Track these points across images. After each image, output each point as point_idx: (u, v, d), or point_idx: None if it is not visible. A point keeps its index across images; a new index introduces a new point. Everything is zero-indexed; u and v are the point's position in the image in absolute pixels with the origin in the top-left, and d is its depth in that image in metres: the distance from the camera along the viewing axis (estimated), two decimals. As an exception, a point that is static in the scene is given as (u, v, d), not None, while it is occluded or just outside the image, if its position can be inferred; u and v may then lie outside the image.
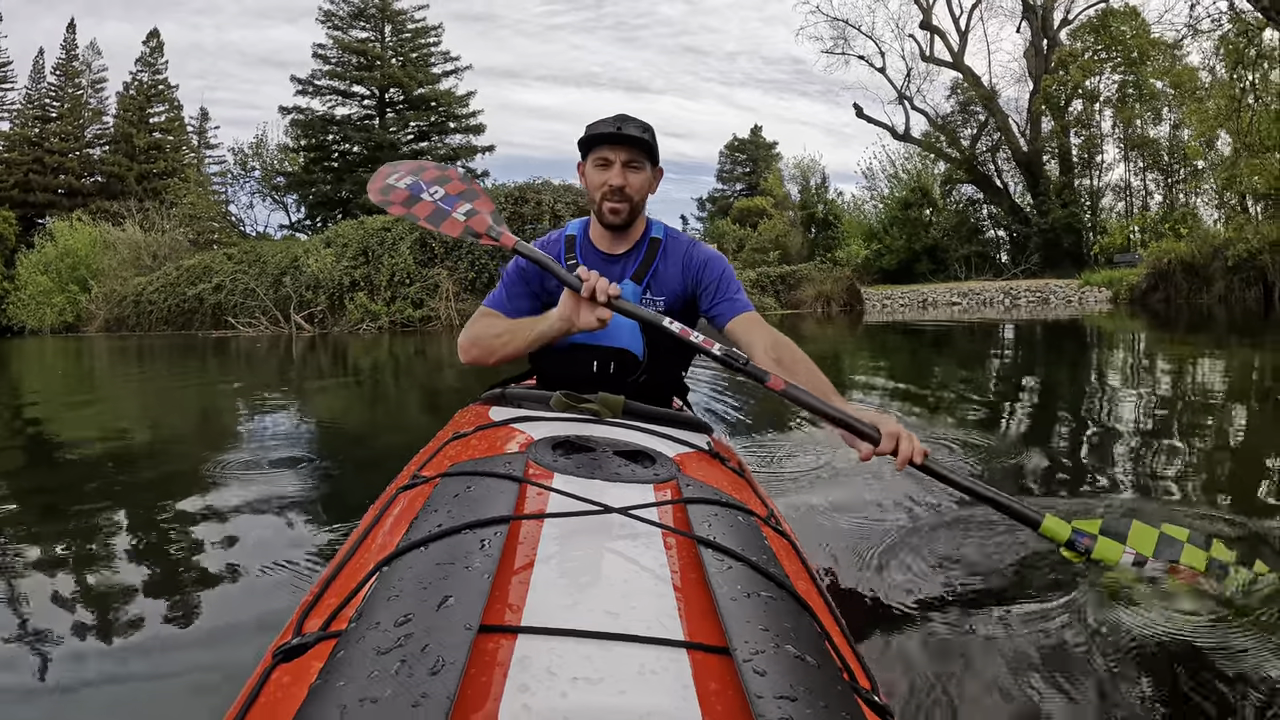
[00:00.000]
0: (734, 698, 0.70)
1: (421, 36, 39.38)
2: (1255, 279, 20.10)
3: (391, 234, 22.26)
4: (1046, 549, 2.55)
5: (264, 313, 22.54)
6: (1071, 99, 36.29)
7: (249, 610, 2.15)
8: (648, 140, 2.12)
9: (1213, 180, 30.39)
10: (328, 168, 38.21)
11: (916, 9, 37.63)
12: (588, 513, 1.03)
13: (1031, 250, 35.45)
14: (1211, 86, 26.55)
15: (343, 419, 5.79)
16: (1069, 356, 10.56)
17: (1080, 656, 1.93)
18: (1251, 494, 3.55)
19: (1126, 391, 6.85)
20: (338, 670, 0.68)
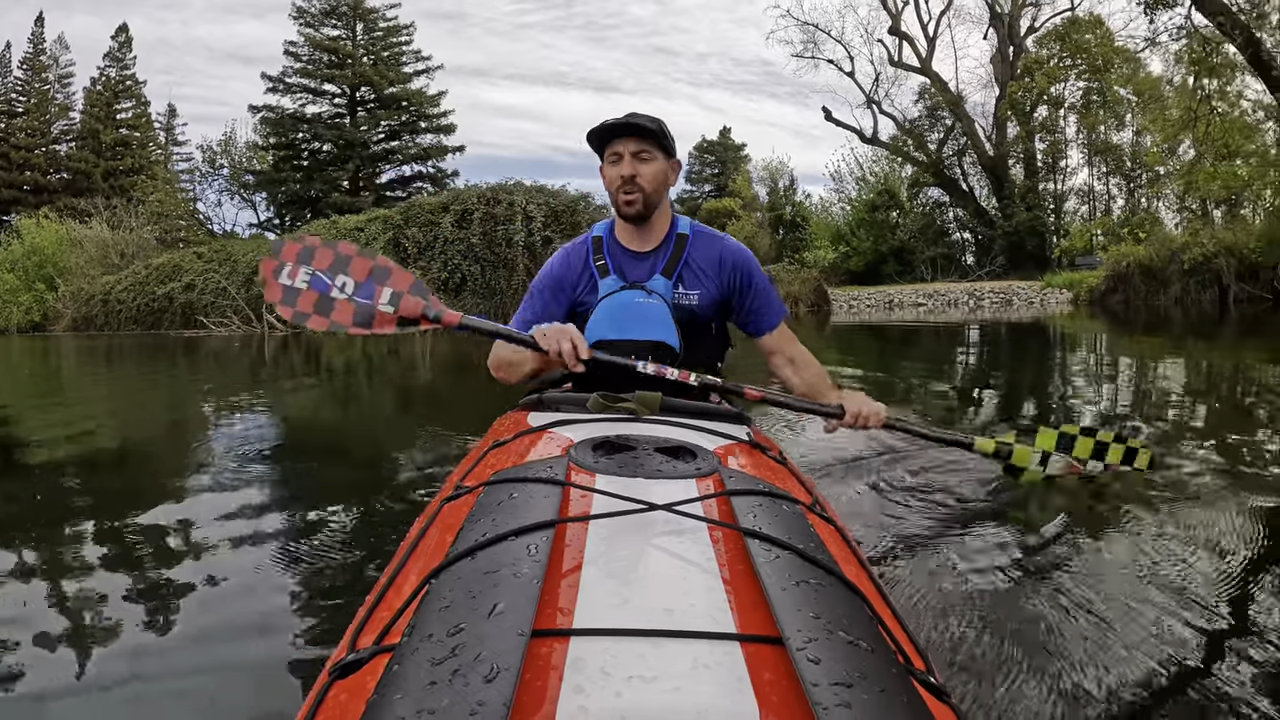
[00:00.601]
0: (789, 687, 0.70)
1: (393, 35, 39.24)
2: (1210, 281, 20.70)
3: (365, 234, 22.18)
4: (1094, 534, 2.77)
5: (236, 312, 22.37)
6: (1037, 105, 37.15)
7: (299, 625, 2.14)
8: (654, 129, 2.14)
9: (1174, 185, 31.10)
10: (297, 166, 37.98)
11: (885, 15, 38.40)
12: (632, 511, 1.03)
13: (996, 253, 36.21)
14: (1174, 93, 27.17)
15: (327, 421, 5.81)
16: (1031, 352, 11.10)
17: (1130, 629, 2.00)
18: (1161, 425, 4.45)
19: (1079, 378, 7.80)
20: (393, 684, 0.69)
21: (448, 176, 39.07)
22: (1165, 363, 8.93)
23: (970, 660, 1.88)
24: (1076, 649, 1.91)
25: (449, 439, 4.72)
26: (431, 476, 3.70)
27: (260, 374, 10.70)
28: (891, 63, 38.71)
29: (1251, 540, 2.72)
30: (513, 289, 21.23)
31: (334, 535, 2.95)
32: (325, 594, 2.34)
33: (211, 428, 5.83)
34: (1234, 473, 3.59)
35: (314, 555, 2.71)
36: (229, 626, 2.10)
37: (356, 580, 2.42)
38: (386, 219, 22.62)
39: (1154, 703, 1.70)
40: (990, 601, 2.21)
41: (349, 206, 32.80)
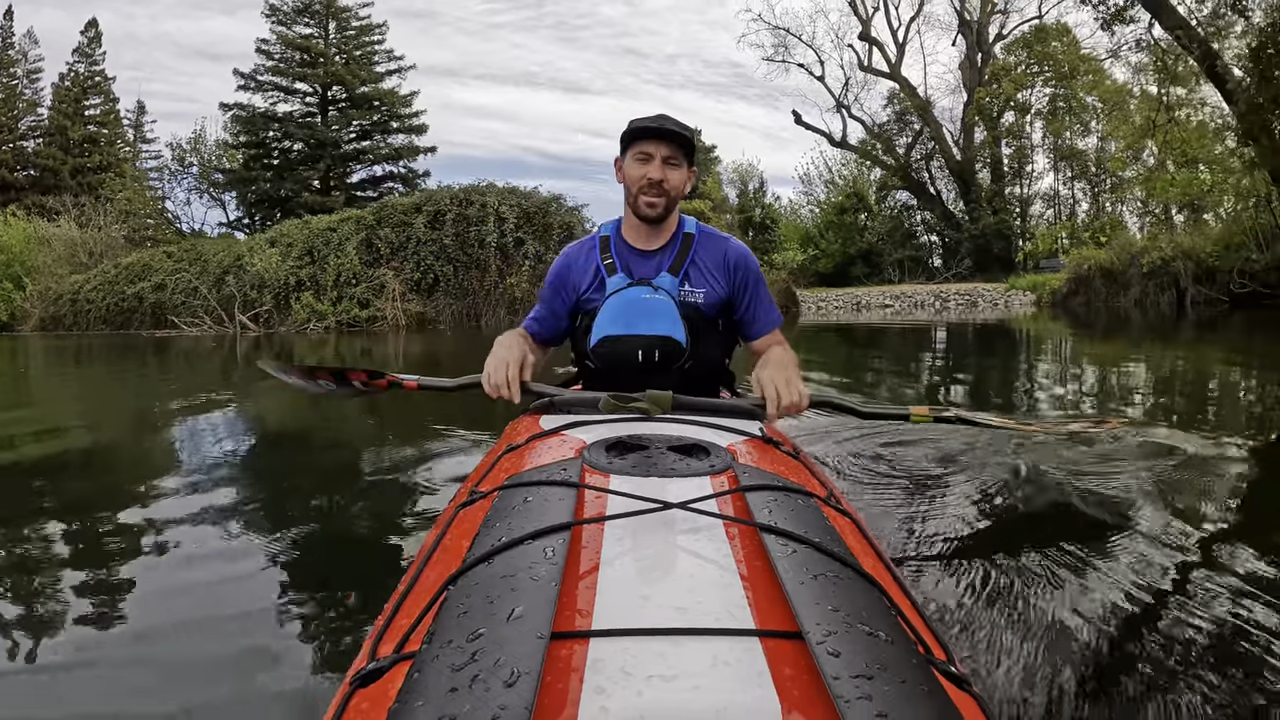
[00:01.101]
0: (810, 681, 0.70)
1: (365, 34, 38.90)
2: (1169, 284, 21.11)
3: (337, 234, 22.13)
4: (1110, 514, 2.86)
5: (207, 312, 22.24)
6: (1004, 111, 37.91)
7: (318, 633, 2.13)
8: (688, 137, 2.15)
9: (1137, 190, 31.70)
10: (268, 165, 37.58)
11: (856, 20, 38.98)
12: (647, 511, 1.04)
13: (963, 255, 36.75)
14: (1138, 101, 27.69)
15: (324, 424, 5.69)
16: (995, 352, 11.51)
17: (1154, 619, 2.02)
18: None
19: (1043, 377, 8.11)
20: (414, 692, 0.69)
21: (419, 177, 38.82)
22: (1124, 362, 9.28)
23: (992, 649, 1.88)
24: (1100, 638, 1.92)
25: (433, 436, 4.73)
26: (441, 481, 3.68)
27: (234, 374, 10.66)
28: (861, 68, 39.34)
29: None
30: (485, 289, 21.32)
31: (349, 544, 2.93)
32: (343, 603, 2.31)
33: (197, 430, 5.75)
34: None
35: (330, 564, 2.70)
36: (247, 640, 2.05)
37: (374, 588, 2.38)
38: (359, 219, 22.55)
39: (1176, 691, 1.69)
40: (1011, 590, 2.22)
41: (320, 206, 32.49)
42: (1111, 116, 32.44)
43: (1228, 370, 8.10)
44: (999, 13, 38.58)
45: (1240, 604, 2.09)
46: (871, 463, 3.73)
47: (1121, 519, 2.83)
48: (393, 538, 2.96)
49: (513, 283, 21.15)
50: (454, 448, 4.49)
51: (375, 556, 2.76)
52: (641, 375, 2.03)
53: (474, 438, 4.69)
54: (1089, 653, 1.85)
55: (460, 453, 4.34)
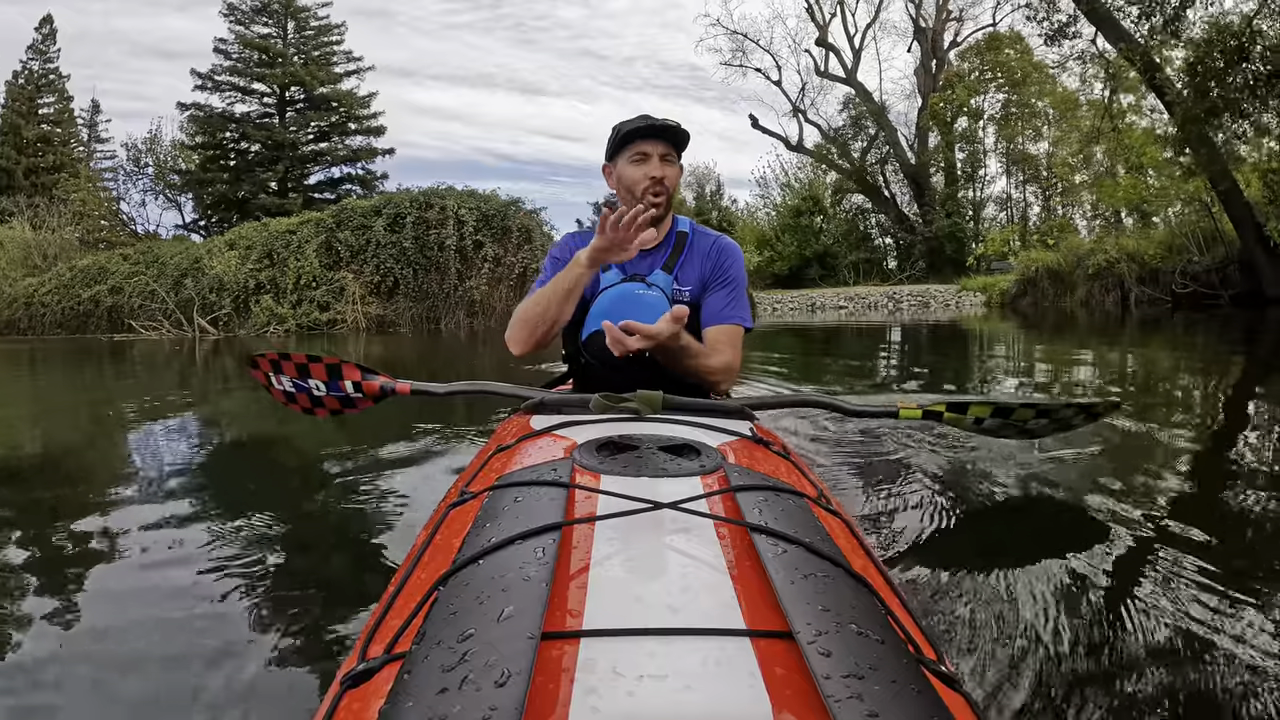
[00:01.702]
0: (801, 681, 0.70)
1: (324, 34, 38.61)
2: (1113, 285, 21.59)
3: (297, 237, 22.05)
4: (1101, 513, 2.86)
5: (166, 316, 22.00)
6: (958, 116, 38.40)
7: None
8: (680, 132, 2.16)
9: (1088, 194, 32.49)
10: (225, 166, 37.12)
11: (813, 26, 39.38)
12: (638, 511, 1.04)
13: (917, 257, 37.45)
14: (1088, 107, 28.38)
15: (300, 428, 5.46)
16: (949, 349, 11.84)
17: (1140, 616, 2.02)
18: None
19: (986, 368, 8.44)
20: (405, 692, 0.68)
21: (377, 179, 38.65)
22: (1071, 357, 9.63)
23: (982, 649, 1.88)
24: (1090, 637, 1.93)
25: (422, 436, 4.66)
26: (431, 481, 3.66)
27: (200, 378, 10.57)
28: (818, 73, 39.83)
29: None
30: (444, 292, 21.40)
31: (338, 544, 2.90)
32: (333, 603, 2.28)
33: (173, 433, 5.64)
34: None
35: (320, 565, 2.66)
36: (236, 641, 2.02)
37: (365, 589, 2.36)
38: (319, 222, 22.46)
39: (1167, 689, 1.70)
40: (1002, 590, 2.22)
41: (278, 208, 32.20)
42: (1062, 123, 33.20)
43: (1177, 365, 8.47)
44: (954, 20, 39.35)
45: (1232, 603, 2.10)
46: (862, 462, 3.76)
47: (1112, 518, 2.84)
48: (383, 538, 2.91)
49: (472, 285, 21.24)
50: (444, 447, 4.45)
51: (365, 557, 2.72)
52: (632, 371, 2.04)
53: (464, 437, 4.67)
54: (1079, 652, 1.87)
55: (450, 452, 4.29)
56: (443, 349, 14.70)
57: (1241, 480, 3.42)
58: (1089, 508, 3.01)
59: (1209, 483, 3.50)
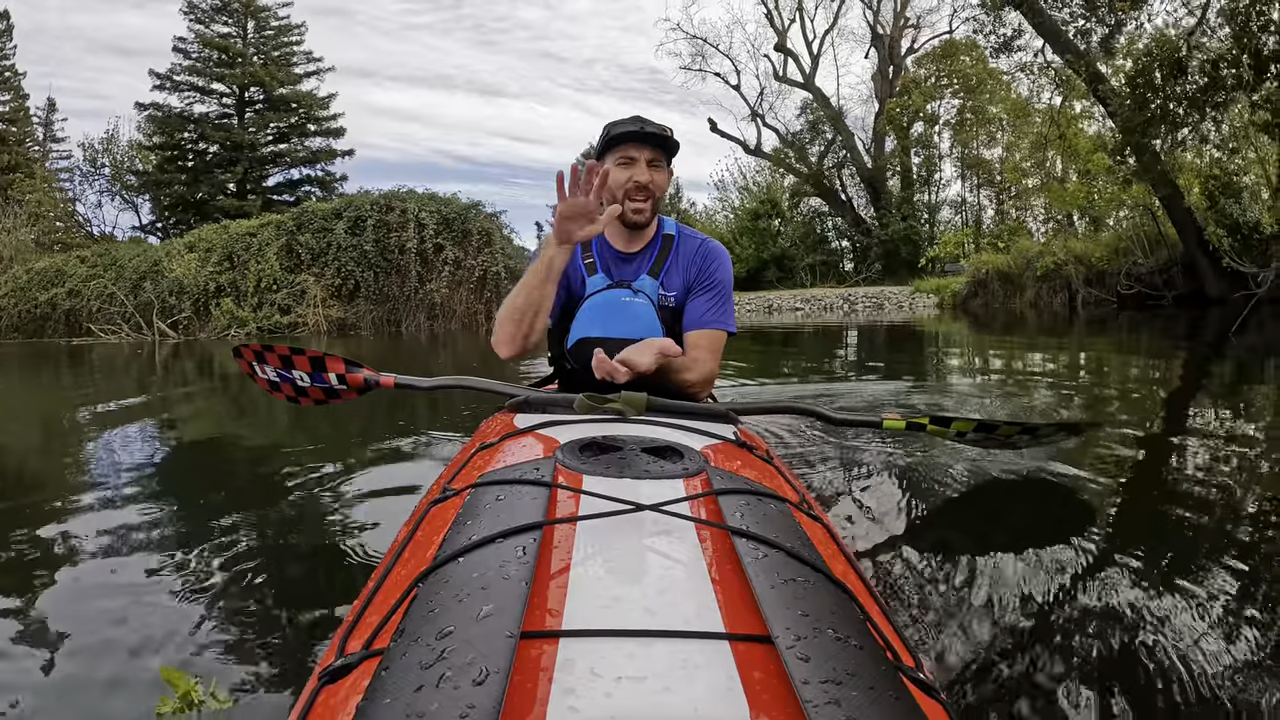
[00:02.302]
0: (779, 685, 0.70)
1: (284, 34, 38.25)
2: (1062, 286, 22.23)
3: (258, 239, 21.92)
4: (1081, 520, 2.86)
5: (125, 319, 21.69)
6: (914, 121, 39.04)
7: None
8: (670, 139, 2.12)
9: (1035, 200, 33.20)
10: (183, 167, 36.62)
11: (772, 32, 39.94)
12: (619, 512, 1.03)
13: (873, 260, 38.07)
14: (1040, 114, 29.01)
15: (275, 427, 5.58)
16: (901, 348, 12.22)
17: (1118, 624, 2.03)
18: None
19: (952, 373, 8.71)
20: (383, 688, 0.68)
21: (336, 180, 38.39)
22: (1022, 358, 9.94)
23: (960, 656, 1.88)
24: (1069, 645, 1.94)
25: (404, 432, 4.70)
26: (413, 478, 3.66)
27: (163, 382, 10.41)
28: (776, 78, 40.44)
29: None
30: (405, 295, 21.42)
31: (319, 539, 2.89)
32: (313, 598, 2.27)
33: (148, 434, 5.56)
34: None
35: (300, 559, 2.65)
36: (216, 635, 2.03)
37: (344, 584, 2.35)
38: (279, 224, 22.35)
39: (1143, 694, 1.71)
40: (981, 598, 2.21)
41: (236, 210, 31.82)
42: (1016, 128, 33.84)
43: (1130, 363, 8.89)
44: (911, 27, 40.13)
45: (1209, 611, 2.11)
46: (844, 468, 3.75)
47: (1089, 525, 2.85)
48: (364, 534, 2.88)
49: (432, 288, 21.29)
50: (426, 444, 4.41)
51: (346, 553, 2.68)
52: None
53: (447, 435, 4.63)
54: (1057, 660, 1.87)
55: (433, 449, 4.26)
56: (403, 351, 14.75)
57: (1208, 476, 3.57)
58: (1068, 516, 3.02)
59: (1177, 482, 3.60)
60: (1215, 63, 14.89)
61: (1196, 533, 2.81)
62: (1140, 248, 20.95)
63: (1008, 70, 23.44)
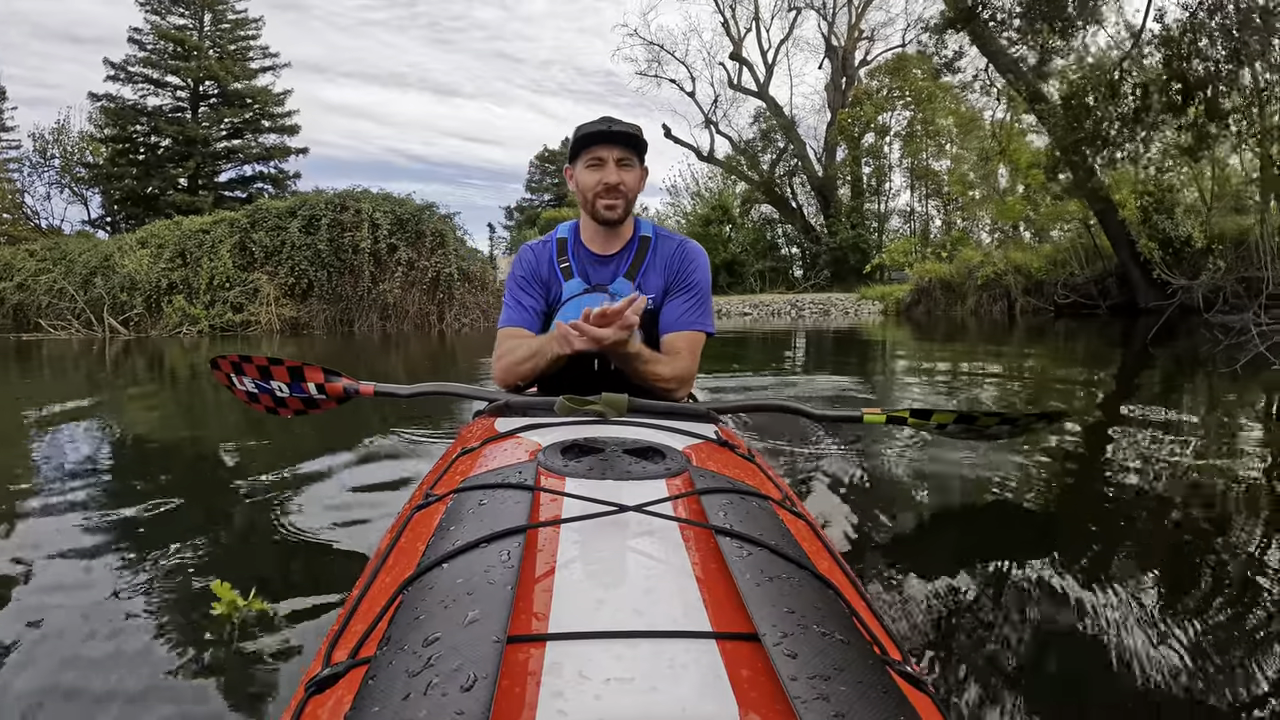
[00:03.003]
0: (767, 683, 0.70)
1: (240, 28, 37.79)
2: (1001, 295, 22.92)
3: (210, 236, 21.74)
4: (1062, 511, 2.98)
5: (75, 315, 21.36)
6: (865, 132, 39.50)
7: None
8: (639, 137, 2.09)
9: (980, 211, 33.99)
10: (134, 161, 36.02)
11: (728, 41, 40.29)
12: (603, 514, 1.03)
13: (821, 267, 38.53)
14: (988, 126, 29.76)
15: (249, 429, 5.36)
16: (848, 351, 12.62)
17: (1099, 616, 2.06)
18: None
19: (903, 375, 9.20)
20: (370, 697, 0.67)
21: (289, 178, 38.09)
22: (965, 361, 10.54)
23: (946, 649, 1.89)
24: (1053, 636, 1.98)
25: (385, 438, 4.66)
26: (395, 484, 3.69)
27: (121, 379, 10.27)
28: (731, 86, 40.86)
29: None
30: (358, 295, 21.45)
31: (302, 547, 2.85)
32: (297, 607, 2.26)
33: (123, 434, 5.48)
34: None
35: (283, 568, 2.64)
36: (201, 646, 2.02)
37: (329, 593, 2.34)
38: (233, 222, 22.17)
39: (1126, 685, 1.74)
40: (965, 591, 2.22)
41: (188, 206, 31.42)
42: (963, 141, 34.63)
43: (1071, 366, 9.45)
44: (865, 39, 40.84)
45: (1189, 600, 2.17)
46: (826, 465, 3.77)
47: (1068, 515, 2.95)
48: (347, 541, 2.88)
49: (385, 289, 21.34)
50: (408, 450, 4.41)
51: (329, 561, 2.69)
52: (597, 382, 2.03)
53: (428, 440, 4.63)
54: (1042, 651, 1.90)
55: (414, 455, 4.27)
56: (356, 351, 14.86)
57: (1154, 464, 3.78)
58: (1048, 509, 3.11)
59: (1133, 471, 3.74)
60: (1146, 87, 15.64)
61: (1165, 519, 2.92)
62: (1077, 259, 21.79)
63: (955, 85, 24.10)
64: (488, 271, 24.18)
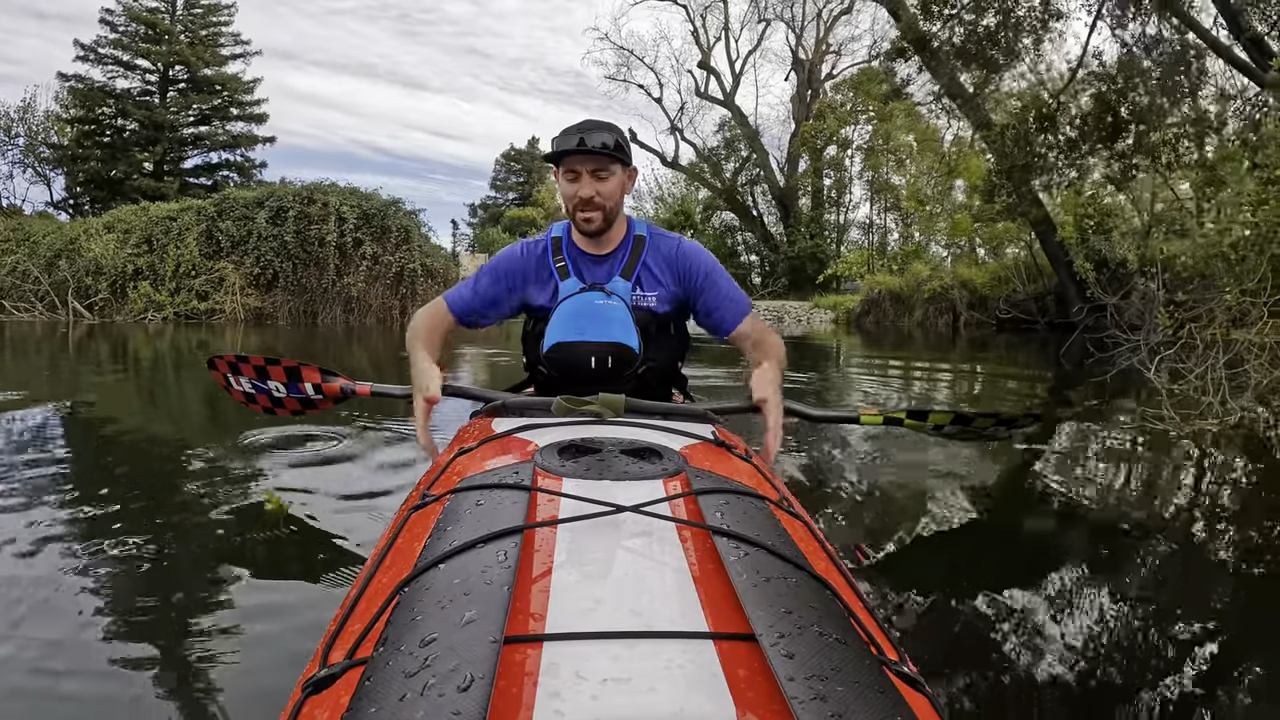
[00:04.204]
0: (764, 683, 0.70)
1: (213, 14, 37.67)
2: (947, 309, 23.81)
3: (178, 224, 21.83)
4: (1053, 516, 2.98)
5: (39, 297, 21.28)
6: (828, 144, 39.95)
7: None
8: (611, 150, 2.06)
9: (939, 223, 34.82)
10: (100, 143, 35.73)
11: (697, 49, 40.86)
12: (600, 514, 1.03)
13: (779, 274, 39.25)
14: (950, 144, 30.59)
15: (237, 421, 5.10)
16: (804, 355, 13.07)
17: (1092, 614, 2.08)
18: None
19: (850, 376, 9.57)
20: (367, 698, 0.67)
21: (255, 167, 38.10)
22: (912, 369, 11.07)
23: (944, 649, 1.89)
24: (1048, 636, 1.96)
25: (382, 437, 4.64)
26: (392, 484, 3.65)
27: (93, 363, 10.32)
28: (698, 94, 41.60)
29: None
30: (323, 287, 21.71)
31: (299, 548, 2.84)
32: (294, 608, 2.26)
33: (120, 429, 5.30)
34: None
35: (280, 569, 2.61)
36: (197, 646, 2.01)
37: (325, 592, 2.34)
38: (200, 210, 22.24)
39: (1121, 685, 1.75)
40: (962, 591, 2.21)
41: (153, 191, 31.35)
42: (919, 158, 35.43)
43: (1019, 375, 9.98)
44: (832, 53, 41.56)
45: (1183, 601, 2.17)
46: (823, 466, 3.79)
47: (1062, 516, 2.94)
48: (343, 541, 2.85)
49: (349, 282, 21.54)
50: (405, 450, 4.37)
51: (326, 560, 2.67)
52: (594, 381, 2.01)
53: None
54: (1038, 650, 1.88)
55: (411, 455, 4.24)
56: (317, 341, 15.13)
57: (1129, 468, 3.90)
58: (1044, 511, 3.13)
59: (1114, 475, 3.83)
60: (1086, 118, 16.52)
61: (1155, 532, 2.93)
62: (1019, 277, 22.72)
63: (912, 106, 24.90)
64: (450, 268, 24.48)
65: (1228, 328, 5.42)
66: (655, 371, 2.17)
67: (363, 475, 3.82)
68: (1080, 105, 17.17)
